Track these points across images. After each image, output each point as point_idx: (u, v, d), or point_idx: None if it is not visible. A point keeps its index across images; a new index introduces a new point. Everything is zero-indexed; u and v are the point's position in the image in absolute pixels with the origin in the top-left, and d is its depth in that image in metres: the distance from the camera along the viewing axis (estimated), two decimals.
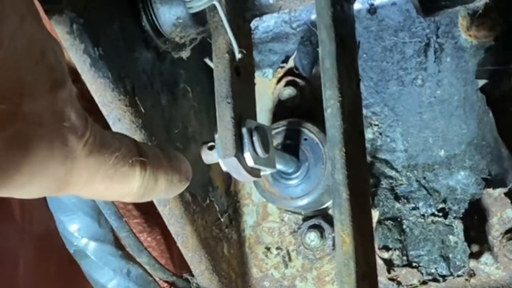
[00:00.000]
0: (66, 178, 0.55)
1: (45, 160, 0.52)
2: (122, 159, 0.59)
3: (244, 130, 0.78)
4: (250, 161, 0.79)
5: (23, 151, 0.50)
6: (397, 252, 1.04)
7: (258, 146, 0.79)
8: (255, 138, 0.78)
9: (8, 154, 0.49)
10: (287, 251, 1.11)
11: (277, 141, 1.04)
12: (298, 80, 1.10)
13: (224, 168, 0.79)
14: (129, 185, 0.61)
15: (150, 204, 0.96)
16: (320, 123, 1.03)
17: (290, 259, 1.11)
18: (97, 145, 0.56)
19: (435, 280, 1.03)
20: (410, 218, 1.05)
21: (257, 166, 0.81)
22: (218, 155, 0.78)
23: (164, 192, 0.66)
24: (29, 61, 0.49)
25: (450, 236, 1.03)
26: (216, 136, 0.79)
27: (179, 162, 0.68)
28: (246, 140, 0.78)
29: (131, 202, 0.66)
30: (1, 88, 0.47)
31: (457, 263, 1.02)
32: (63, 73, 0.53)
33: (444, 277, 1.03)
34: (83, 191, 0.58)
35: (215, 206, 1.07)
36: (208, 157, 0.80)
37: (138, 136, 0.89)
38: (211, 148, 0.80)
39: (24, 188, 0.53)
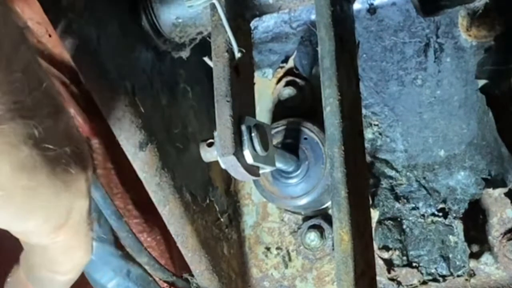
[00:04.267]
0: (68, 213, 0.56)
1: (51, 185, 0.52)
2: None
3: (243, 128, 0.78)
4: (249, 159, 0.79)
5: (30, 176, 0.50)
6: (397, 252, 1.04)
7: (257, 144, 0.79)
8: (254, 136, 0.78)
9: (16, 179, 0.50)
10: (287, 251, 1.11)
11: (277, 140, 1.04)
12: (298, 80, 1.10)
13: (223, 166, 0.79)
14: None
15: (150, 204, 0.96)
16: (320, 122, 1.02)
17: (290, 259, 1.11)
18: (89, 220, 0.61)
19: (435, 280, 1.03)
20: (410, 218, 1.05)
21: (256, 164, 0.81)
22: (217, 153, 0.79)
23: None
24: (27, 87, 0.50)
25: (450, 236, 1.03)
26: (215, 133, 0.79)
27: None
28: (245, 137, 0.78)
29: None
30: (2, 108, 0.48)
31: (457, 263, 1.02)
32: (61, 101, 0.55)
33: (444, 277, 1.03)
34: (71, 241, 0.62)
35: (215, 206, 1.07)
36: (207, 154, 0.81)
37: (138, 136, 0.89)
38: (210, 145, 0.80)
39: (28, 219, 0.53)
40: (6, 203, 0.51)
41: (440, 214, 1.04)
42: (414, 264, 1.04)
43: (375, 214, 1.05)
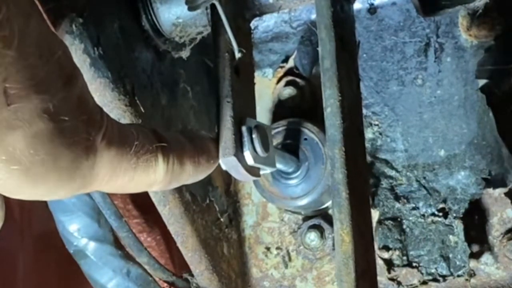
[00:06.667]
0: (91, 174, 0.55)
1: (69, 156, 0.52)
2: (142, 147, 0.59)
3: (244, 129, 0.77)
4: (249, 160, 0.78)
5: (46, 150, 0.50)
6: (397, 252, 1.04)
7: (257, 145, 0.78)
8: (254, 137, 0.78)
9: (32, 154, 0.49)
10: (287, 251, 1.11)
11: (277, 140, 1.04)
12: (298, 80, 1.10)
13: (223, 167, 0.78)
14: (154, 173, 0.61)
15: (150, 204, 0.96)
16: (320, 123, 1.02)
17: (290, 259, 1.11)
18: (115, 136, 0.56)
19: (435, 280, 1.03)
20: (410, 218, 1.05)
21: (256, 165, 0.80)
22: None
23: (193, 175, 0.67)
24: (40, 59, 0.49)
25: (450, 236, 1.03)
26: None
27: (204, 142, 0.69)
28: (245, 138, 0.78)
29: (160, 190, 0.66)
30: (17, 87, 0.47)
31: (457, 263, 1.02)
32: (74, 68, 0.53)
33: (444, 277, 1.03)
34: (109, 186, 0.58)
35: (215, 206, 1.07)
36: None
37: None
38: None
39: (52, 188, 0.52)
40: (24, 176, 0.50)
41: (440, 214, 1.04)
42: (414, 264, 1.04)
43: (375, 214, 1.05)
